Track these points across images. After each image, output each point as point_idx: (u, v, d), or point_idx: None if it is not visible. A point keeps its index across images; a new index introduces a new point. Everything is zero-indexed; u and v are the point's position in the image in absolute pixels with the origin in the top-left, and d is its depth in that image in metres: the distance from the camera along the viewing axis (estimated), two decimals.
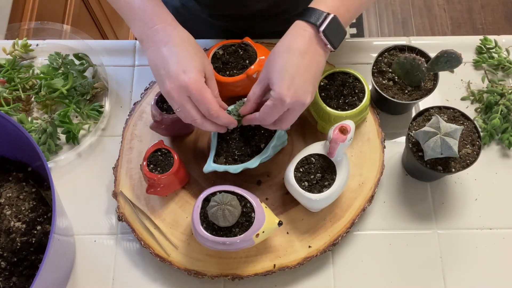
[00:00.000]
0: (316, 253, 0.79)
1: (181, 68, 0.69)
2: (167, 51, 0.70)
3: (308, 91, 0.71)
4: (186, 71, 0.69)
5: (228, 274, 0.78)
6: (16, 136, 0.72)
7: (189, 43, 0.73)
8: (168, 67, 0.70)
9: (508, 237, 0.83)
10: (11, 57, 0.96)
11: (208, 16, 0.99)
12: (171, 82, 0.69)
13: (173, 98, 0.70)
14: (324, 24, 0.71)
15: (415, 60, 0.82)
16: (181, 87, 0.69)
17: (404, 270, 0.81)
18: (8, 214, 0.75)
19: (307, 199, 0.76)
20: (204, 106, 0.70)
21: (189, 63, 0.70)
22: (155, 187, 0.79)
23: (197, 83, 0.69)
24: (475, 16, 2.29)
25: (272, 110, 0.71)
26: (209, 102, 0.70)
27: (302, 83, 0.70)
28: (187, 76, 0.69)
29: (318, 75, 0.73)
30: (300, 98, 0.70)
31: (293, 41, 0.72)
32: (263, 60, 0.84)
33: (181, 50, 0.71)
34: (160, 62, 0.70)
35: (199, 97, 0.69)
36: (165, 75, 0.70)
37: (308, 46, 0.71)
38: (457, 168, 0.78)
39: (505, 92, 0.90)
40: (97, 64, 0.96)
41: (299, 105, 0.70)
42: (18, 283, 0.74)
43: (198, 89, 0.69)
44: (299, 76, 0.70)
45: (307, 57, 0.71)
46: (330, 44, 0.72)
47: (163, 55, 0.70)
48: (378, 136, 0.86)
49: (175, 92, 0.69)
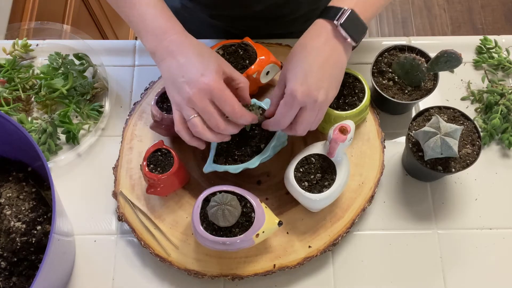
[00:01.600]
0: (316, 253, 0.79)
1: (199, 73, 0.69)
2: (183, 60, 0.71)
3: (321, 88, 0.70)
4: (204, 74, 0.69)
5: (228, 274, 0.78)
6: (16, 136, 0.72)
7: (201, 48, 0.73)
8: (186, 74, 0.70)
9: (508, 237, 0.83)
10: (11, 57, 0.96)
11: (208, 16, 0.99)
12: (192, 87, 0.69)
13: (195, 103, 0.69)
14: (342, 19, 0.71)
15: (415, 60, 0.82)
16: (202, 90, 0.68)
17: (404, 270, 0.81)
18: (8, 214, 0.75)
19: (307, 199, 0.76)
20: (229, 105, 0.70)
21: (206, 67, 0.70)
22: (155, 187, 0.79)
23: (218, 83, 0.69)
24: (475, 16, 2.29)
25: (285, 109, 0.71)
26: (234, 100, 0.70)
27: (316, 80, 0.70)
28: (207, 78, 0.69)
29: (336, 72, 0.73)
30: (311, 93, 0.70)
31: (309, 39, 0.73)
32: (263, 60, 0.84)
33: (196, 56, 0.71)
34: (177, 71, 0.71)
35: (222, 96, 0.69)
36: (184, 82, 0.70)
37: (324, 43, 0.72)
38: (457, 168, 0.78)
39: (505, 92, 0.90)
40: (97, 64, 0.96)
41: (311, 101, 0.70)
42: (18, 283, 0.74)
43: (220, 88, 0.69)
44: (313, 73, 0.70)
45: (322, 54, 0.71)
46: (350, 37, 0.72)
47: (180, 64, 0.71)
48: (378, 136, 0.86)
49: (197, 96, 0.69)
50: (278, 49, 0.93)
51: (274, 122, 0.74)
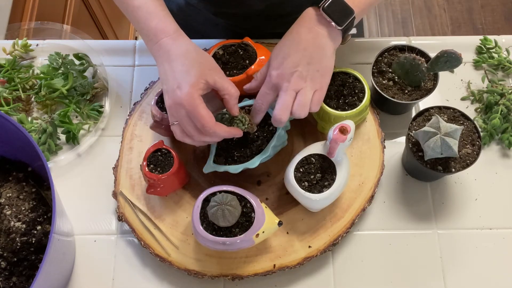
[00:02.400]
0: (316, 253, 0.79)
1: (176, 84, 0.70)
2: (167, 67, 0.72)
3: (296, 71, 0.73)
4: (180, 87, 0.69)
5: (228, 274, 0.78)
6: (16, 136, 0.72)
7: (188, 54, 0.72)
8: (167, 83, 0.72)
9: (508, 237, 0.83)
10: (11, 57, 0.96)
11: (212, 13, 0.99)
12: (169, 98, 0.71)
13: (172, 114, 0.72)
14: (326, 3, 0.73)
15: (415, 60, 0.82)
16: (176, 103, 0.70)
17: (404, 270, 0.81)
18: (8, 214, 0.75)
19: (307, 199, 0.76)
20: (198, 122, 0.70)
21: (183, 78, 0.70)
22: (155, 187, 0.79)
23: (190, 99, 0.69)
24: (475, 16, 2.29)
25: (262, 89, 0.75)
26: (203, 117, 0.69)
27: (291, 63, 0.73)
28: (181, 91, 0.69)
29: (319, 56, 0.74)
30: (284, 76, 0.73)
31: (295, 26, 0.76)
32: (263, 60, 0.84)
33: (178, 65, 0.71)
34: (163, 77, 0.73)
35: (192, 112, 0.69)
36: (165, 90, 0.72)
37: (307, 28, 0.74)
38: (457, 168, 0.78)
39: (505, 92, 0.90)
40: (97, 64, 0.96)
41: (283, 83, 0.73)
42: (18, 283, 0.74)
43: (190, 104, 0.69)
44: (291, 57, 0.73)
45: (303, 38, 0.74)
46: (333, 20, 0.73)
47: (164, 71, 0.73)
48: (378, 136, 0.86)
49: (172, 108, 0.71)
50: None
51: (256, 101, 0.76)
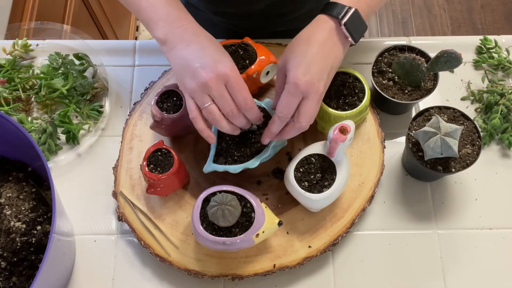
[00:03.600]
0: (316, 253, 0.79)
1: (216, 59, 0.70)
2: (199, 46, 0.71)
3: (322, 79, 0.71)
4: (222, 61, 0.70)
5: (228, 274, 0.78)
6: (16, 136, 0.72)
7: (215, 41, 0.74)
8: (202, 59, 0.70)
9: (508, 237, 0.83)
10: (11, 57, 0.96)
11: (212, 13, 0.99)
12: (208, 72, 0.69)
13: (211, 88, 0.69)
14: (346, 17, 0.72)
15: (415, 60, 0.82)
16: (219, 76, 0.69)
17: (404, 270, 0.81)
18: (8, 214, 0.75)
19: (307, 199, 0.76)
20: (241, 95, 0.70)
21: (223, 55, 0.71)
22: (155, 187, 0.79)
23: (235, 72, 0.70)
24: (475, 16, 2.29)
25: (288, 98, 0.70)
26: (247, 91, 0.71)
27: (318, 71, 0.71)
28: (224, 65, 0.70)
29: (334, 67, 0.74)
30: (314, 84, 0.70)
31: (313, 33, 0.73)
32: (263, 60, 0.84)
33: (213, 45, 0.72)
34: (193, 56, 0.71)
35: (237, 85, 0.70)
36: (200, 67, 0.70)
37: (327, 38, 0.72)
38: (457, 168, 0.78)
39: (505, 92, 0.90)
40: (97, 64, 0.96)
41: (313, 91, 0.70)
42: (18, 283, 0.74)
43: (236, 77, 0.70)
44: (316, 64, 0.71)
45: (325, 47, 0.72)
46: (351, 37, 0.73)
47: (195, 49, 0.71)
48: (378, 136, 0.86)
49: (213, 81, 0.69)
50: (278, 49, 0.93)
51: (278, 113, 0.72)
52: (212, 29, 1.04)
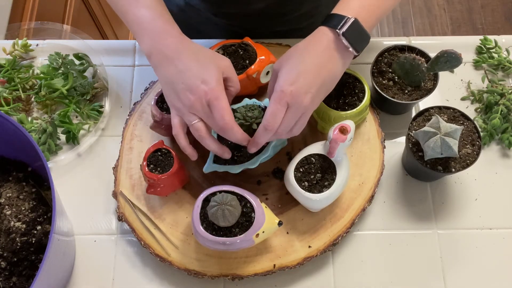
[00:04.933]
0: (316, 253, 0.79)
1: (199, 79, 0.69)
2: (182, 65, 0.70)
3: (309, 92, 0.69)
4: (205, 82, 0.69)
5: (228, 274, 0.78)
6: (16, 136, 0.72)
7: (199, 53, 0.72)
8: (186, 80, 0.69)
9: (508, 237, 0.83)
10: (11, 57, 0.96)
11: (212, 14, 0.99)
12: (193, 94, 0.69)
13: (197, 109, 0.69)
14: (344, 27, 0.70)
15: (415, 60, 0.82)
16: (201, 97, 0.68)
17: (404, 270, 0.81)
18: (8, 214, 0.75)
19: (307, 199, 0.76)
20: (218, 115, 0.68)
21: (207, 73, 0.69)
22: (155, 187, 0.79)
23: (216, 91, 0.68)
24: (475, 16, 2.29)
25: (274, 106, 0.69)
26: (223, 109, 0.68)
27: (306, 83, 0.69)
28: (208, 86, 0.68)
29: (327, 81, 0.72)
30: (300, 96, 0.69)
31: (310, 44, 0.72)
32: (263, 60, 0.84)
33: (194, 62, 0.70)
34: (176, 77, 0.70)
35: (216, 104, 0.68)
36: (184, 89, 0.69)
37: (324, 50, 0.71)
38: (457, 168, 0.78)
39: (505, 92, 0.90)
40: (97, 64, 0.96)
41: (297, 103, 0.69)
42: (18, 283, 0.74)
43: (216, 97, 0.68)
44: (305, 76, 0.69)
45: (319, 60, 0.71)
46: (351, 47, 0.71)
47: (178, 70, 0.70)
48: (378, 136, 0.86)
49: (198, 103, 0.69)
50: (278, 49, 0.93)
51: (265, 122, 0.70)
52: (212, 29, 1.04)
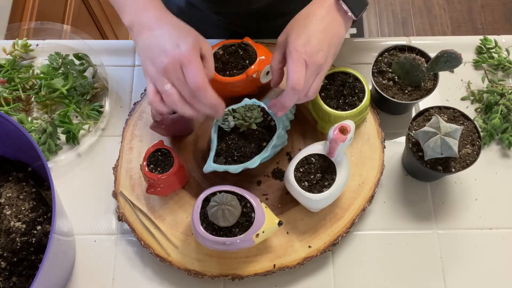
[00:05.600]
0: (316, 253, 0.79)
1: (174, 44, 0.69)
2: (161, 32, 0.70)
3: (322, 50, 0.72)
4: (179, 45, 0.69)
5: (228, 274, 0.78)
6: (16, 136, 0.72)
7: (179, 24, 0.73)
8: (162, 44, 0.69)
9: (508, 237, 0.83)
10: (11, 57, 0.96)
11: (213, 13, 0.99)
12: (167, 57, 0.68)
13: (169, 72, 0.69)
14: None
15: (415, 60, 0.82)
16: (177, 60, 0.68)
17: (404, 270, 0.81)
18: (8, 214, 0.75)
19: (307, 199, 0.76)
20: (192, 75, 0.68)
21: (183, 39, 0.70)
22: (155, 187, 0.79)
23: (190, 54, 0.68)
24: (475, 16, 2.29)
25: (295, 65, 0.70)
26: (198, 72, 0.68)
27: (317, 42, 0.72)
28: (182, 48, 0.68)
29: (334, 41, 0.75)
30: (314, 54, 0.71)
31: (312, 10, 0.75)
32: (263, 60, 0.84)
33: (173, 29, 0.71)
34: (154, 43, 0.70)
35: (189, 66, 0.68)
36: (160, 52, 0.69)
37: (326, 13, 0.74)
38: (457, 168, 0.78)
39: (505, 92, 0.90)
40: (97, 64, 0.96)
41: (313, 61, 0.71)
42: (18, 283, 0.74)
43: (189, 59, 0.68)
44: (315, 36, 0.72)
45: (324, 22, 0.74)
46: (350, 11, 0.75)
47: (156, 35, 0.70)
48: (378, 136, 0.86)
49: (171, 66, 0.68)
50: None
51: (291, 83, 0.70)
52: (213, 29, 1.04)
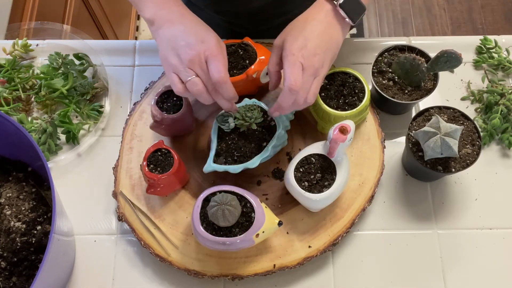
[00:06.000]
0: (316, 253, 0.79)
1: (200, 37, 0.72)
2: (184, 26, 0.73)
3: (318, 54, 0.73)
4: (204, 41, 0.72)
5: (228, 274, 0.78)
6: (16, 136, 0.72)
7: (201, 22, 0.76)
8: (187, 38, 0.72)
9: (508, 237, 0.83)
10: (11, 57, 0.96)
11: (213, 12, 0.99)
12: (193, 50, 0.71)
13: (195, 64, 0.72)
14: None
15: (415, 60, 0.82)
16: (201, 53, 0.71)
17: (404, 270, 0.81)
18: (8, 214, 0.75)
19: (307, 199, 0.76)
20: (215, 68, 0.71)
21: (206, 36, 0.73)
22: (155, 187, 0.79)
23: (216, 48, 0.72)
24: (475, 16, 2.29)
25: (292, 68, 0.71)
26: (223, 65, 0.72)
27: (314, 46, 0.73)
28: (206, 44, 0.72)
29: (331, 46, 0.75)
30: (310, 58, 0.72)
31: (310, 14, 0.76)
32: (263, 60, 0.84)
33: (197, 25, 0.74)
34: (178, 35, 0.73)
35: (214, 60, 0.71)
36: (185, 46, 0.72)
37: (324, 18, 0.75)
38: (457, 168, 0.78)
39: (505, 92, 0.90)
40: (97, 64, 0.96)
41: (309, 64, 0.72)
42: (18, 283, 0.74)
43: (215, 53, 0.71)
44: (311, 40, 0.73)
45: (322, 27, 0.74)
46: (348, 17, 0.75)
47: (181, 29, 0.73)
48: (378, 136, 0.86)
49: (196, 58, 0.71)
50: None
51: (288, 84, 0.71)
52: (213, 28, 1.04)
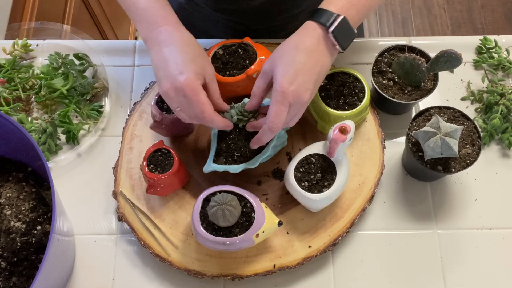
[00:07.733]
0: (316, 253, 0.79)
1: (178, 70, 0.70)
2: (168, 53, 0.72)
3: (309, 89, 0.71)
4: (182, 73, 0.70)
5: (228, 274, 0.78)
6: (16, 136, 0.72)
7: (190, 46, 0.74)
8: (167, 68, 0.71)
9: (508, 237, 0.83)
10: (11, 57, 0.96)
11: (213, 10, 0.99)
12: (167, 83, 0.71)
13: (171, 98, 0.71)
14: (333, 25, 0.71)
15: (415, 60, 0.82)
16: (176, 88, 0.70)
17: (404, 270, 0.81)
18: (8, 214, 0.75)
19: (307, 199, 0.76)
20: (197, 109, 0.71)
21: (187, 66, 0.71)
22: (155, 187, 0.79)
23: (192, 84, 0.70)
24: (475, 16, 2.29)
25: (277, 106, 0.69)
26: (203, 104, 0.70)
27: (305, 81, 0.70)
28: (183, 77, 0.70)
29: (321, 75, 0.73)
30: (300, 95, 0.70)
31: (301, 40, 0.73)
32: (263, 60, 0.84)
33: (182, 53, 0.72)
34: (160, 63, 0.72)
35: (192, 98, 0.70)
36: (163, 76, 0.71)
37: (315, 46, 0.72)
38: (457, 168, 0.78)
39: (505, 92, 0.90)
40: (97, 64, 0.96)
41: (298, 101, 0.70)
42: (18, 283, 0.74)
43: (192, 90, 0.70)
44: (303, 74, 0.70)
45: (313, 56, 0.72)
46: (338, 45, 0.73)
47: (164, 56, 0.72)
48: (378, 136, 0.86)
49: (172, 92, 0.71)
50: None
51: (269, 122, 0.70)
52: (213, 26, 1.04)
